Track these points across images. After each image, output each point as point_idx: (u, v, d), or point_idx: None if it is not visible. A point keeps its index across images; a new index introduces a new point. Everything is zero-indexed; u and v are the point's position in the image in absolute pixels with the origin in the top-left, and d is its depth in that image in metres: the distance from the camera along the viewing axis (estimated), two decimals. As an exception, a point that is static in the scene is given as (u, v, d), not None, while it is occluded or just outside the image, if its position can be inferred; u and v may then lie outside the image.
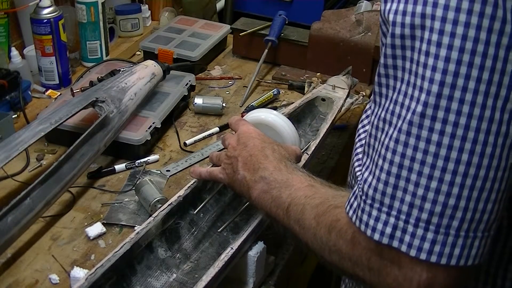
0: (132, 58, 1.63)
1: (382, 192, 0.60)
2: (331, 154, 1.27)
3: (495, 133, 0.55)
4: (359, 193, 0.63)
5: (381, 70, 0.61)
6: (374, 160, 0.62)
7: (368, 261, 0.63)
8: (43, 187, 0.95)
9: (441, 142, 0.56)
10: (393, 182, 0.59)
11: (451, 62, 0.55)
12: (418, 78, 0.57)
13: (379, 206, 0.60)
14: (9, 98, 1.28)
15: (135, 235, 0.83)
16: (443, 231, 0.57)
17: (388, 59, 0.60)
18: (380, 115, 0.62)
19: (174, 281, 0.87)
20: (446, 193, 0.57)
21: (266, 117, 0.97)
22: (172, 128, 1.31)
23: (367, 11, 1.51)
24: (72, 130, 1.16)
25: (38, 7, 1.35)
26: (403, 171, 0.58)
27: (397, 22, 0.58)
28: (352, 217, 0.63)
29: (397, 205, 0.59)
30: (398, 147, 0.58)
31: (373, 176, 0.61)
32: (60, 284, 0.91)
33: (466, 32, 0.54)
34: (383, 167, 0.60)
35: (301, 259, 1.19)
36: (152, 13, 1.83)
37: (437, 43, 0.55)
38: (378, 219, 0.60)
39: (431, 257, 0.58)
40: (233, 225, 0.97)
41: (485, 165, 0.56)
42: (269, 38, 1.53)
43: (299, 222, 0.73)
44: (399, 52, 0.59)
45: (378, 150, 0.61)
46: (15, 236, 0.92)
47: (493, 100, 0.55)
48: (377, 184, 0.60)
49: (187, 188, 0.94)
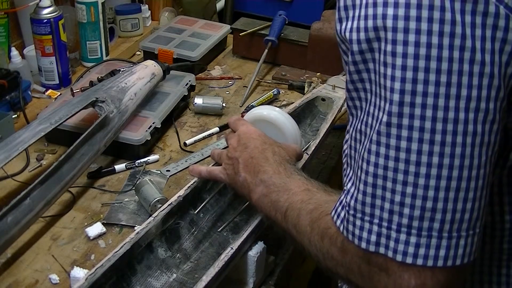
0: (132, 58, 1.63)
1: (362, 202, 0.61)
2: (331, 154, 1.27)
3: (462, 133, 0.55)
4: (344, 204, 0.64)
5: (349, 86, 0.62)
6: (355, 171, 0.63)
7: (358, 268, 0.63)
8: (43, 187, 0.95)
9: (410, 148, 0.57)
10: (371, 192, 0.60)
11: (408, 70, 0.55)
12: (381, 88, 0.58)
13: (361, 215, 0.61)
14: (9, 98, 1.28)
15: (135, 235, 0.83)
16: (426, 233, 0.58)
17: (354, 75, 0.61)
18: (356, 126, 0.63)
19: (174, 281, 0.87)
20: (423, 197, 0.57)
21: (268, 114, 0.97)
22: (172, 128, 1.31)
23: (367, 11, 1.51)
24: (72, 130, 1.16)
25: (38, 7, 1.35)
26: (378, 180, 0.59)
27: (353, 39, 0.59)
28: (339, 227, 0.64)
29: (378, 213, 0.60)
30: (371, 157, 0.59)
31: (355, 187, 0.62)
32: (60, 284, 0.91)
33: (418, 38, 0.55)
34: (361, 177, 0.61)
35: (301, 259, 1.19)
36: (152, 13, 1.83)
37: (391, 52, 0.56)
38: (362, 228, 0.61)
39: (417, 260, 0.58)
40: (233, 225, 0.97)
41: (457, 165, 0.56)
42: (269, 38, 1.54)
43: (295, 227, 0.74)
44: (362, 66, 0.59)
45: (357, 161, 0.62)
46: (15, 236, 0.92)
47: (455, 101, 0.55)
48: (357, 194, 0.61)
49: (187, 188, 0.94)
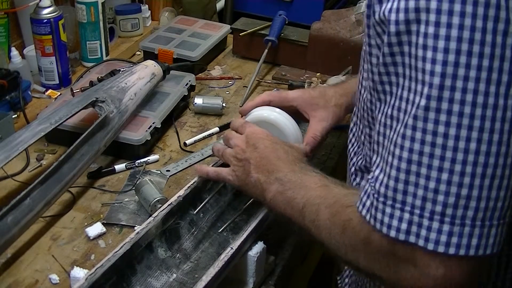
0: (132, 58, 1.63)
1: (394, 189, 0.60)
2: (331, 154, 1.27)
3: (500, 120, 0.55)
4: (372, 191, 0.63)
5: (381, 69, 0.62)
6: (384, 157, 0.62)
7: (383, 259, 0.63)
8: (43, 187, 0.95)
9: (448, 133, 0.56)
10: (403, 178, 0.59)
11: (450, 53, 0.55)
12: (419, 72, 0.57)
13: (392, 203, 0.60)
14: (9, 98, 1.28)
15: (135, 235, 0.83)
16: (459, 222, 0.57)
17: (387, 57, 0.60)
18: (387, 112, 0.62)
19: (174, 281, 0.87)
20: (458, 184, 0.57)
21: (268, 115, 0.97)
22: (172, 128, 1.31)
23: (367, 11, 1.51)
24: (72, 130, 1.16)
25: (38, 7, 1.35)
26: (412, 166, 0.58)
27: (391, 20, 0.58)
28: (366, 216, 0.63)
29: (410, 200, 0.59)
30: (405, 142, 0.59)
31: (384, 173, 0.61)
32: (60, 284, 0.91)
33: (462, 21, 0.54)
34: (393, 163, 0.60)
35: (301, 259, 1.19)
36: (152, 13, 1.83)
37: (434, 35, 0.55)
38: (392, 216, 0.60)
39: (449, 249, 0.58)
40: (233, 225, 0.97)
41: (494, 152, 0.56)
42: (269, 38, 1.54)
43: (314, 222, 0.73)
44: (396, 49, 0.59)
45: (387, 147, 0.61)
46: (15, 236, 0.92)
47: (496, 87, 0.55)
48: (388, 181, 0.60)
49: (187, 188, 0.94)
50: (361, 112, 0.77)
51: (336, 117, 1.01)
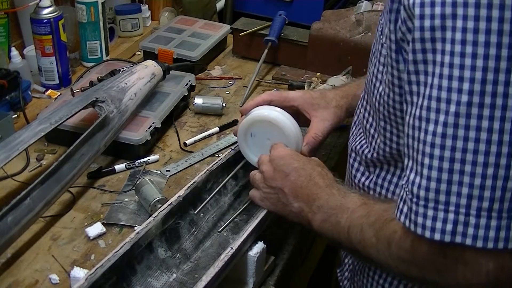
0: (132, 58, 1.63)
1: (436, 190, 0.59)
2: (331, 154, 1.27)
3: None
4: (408, 196, 0.62)
5: (410, 67, 0.61)
6: (417, 160, 0.61)
7: (433, 264, 0.62)
8: (43, 187, 0.95)
9: (492, 127, 0.56)
10: (446, 178, 0.58)
11: (491, 46, 0.55)
12: (455, 68, 0.57)
13: (434, 205, 0.59)
14: (9, 98, 1.28)
15: (135, 235, 0.83)
16: (506, 215, 0.57)
17: (418, 54, 0.60)
18: (415, 113, 0.61)
19: (174, 281, 0.87)
20: (504, 177, 0.57)
21: (269, 114, 0.96)
22: (172, 128, 1.31)
23: (367, 11, 1.51)
24: (72, 130, 1.16)
25: (38, 7, 1.35)
26: (455, 164, 0.58)
27: (425, 14, 0.57)
28: (405, 222, 0.63)
29: (454, 200, 0.58)
30: (446, 141, 0.58)
31: (420, 176, 0.60)
32: (60, 284, 0.91)
33: (502, 14, 0.54)
34: (432, 164, 0.59)
35: (301, 259, 1.20)
36: (152, 13, 1.83)
37: (473, 29, 0.55)
38: (435, 219, 0.59)
39: (498, 244, 0.57)
40: (233, 225, 0.97)
41: None
42: (269, 38, 1.54)
43: (361, 242, 0.73)
44: (429, 46, 0.58)
45: (420, 150, 0.61)
46: (15, 236, 0.92)
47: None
48: (428, 183, 0.60)
49: (187, 188, 0.94)
50: (375, 106, 0.77)
51: (337, 118, 1.01)
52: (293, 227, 1.05)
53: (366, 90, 0.83)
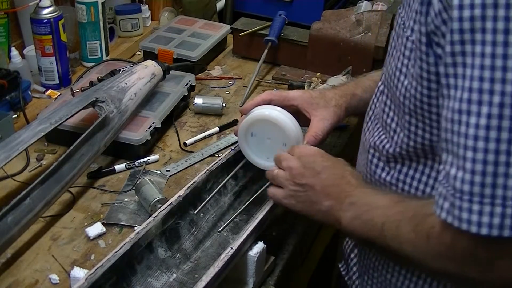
0: (132, 58, 1.63)
1: (481, 184, 0.58)
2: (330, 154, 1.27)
3: None
4: (450, 192, 0.62)
5: (448, 60, 0.61)
6: (458, 154, 0.61)
7: (475, 259, 0.62)
8: (43, 187, 0.95)
9: None
10: (491, 170, 0.58)
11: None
12: (498, 58, 0.56)
13: (479, 199, 0.59)
14: (9, 98, 1.28)
15: (135, 235, 0.83)
16: None
17: (456, 46, 0.59)
18: (454, 107, 0.61)
19: (174, 281, 0.87)
20: None
21: (270, 114, 0.96)
22: (172, 128, 1.31)
23: (367, 11, 1.51)
24: (72, 130, 1.16)
25: (38, 7, 1.35)
26: (501, 156, 0.57)
27: (464, 4, 0.57)
28: (447, 219, 0.62)
29: (500, 193, 0.58)
30: (490, 133, 0.57)
31: (463, 170, 0.60)
32: (60, 284, 0.91)
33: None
34: (476, 158, 0.58)
35: (301, 259, 1.19)
36: (152, 13, 1.83)
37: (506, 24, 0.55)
38: (481, 213, 0.59)
39: None
40: (233, 225, 0.97)
41: None
42: (269, 38, 1.54)
43: (397, 238, 0.72)
44: (468, 37, 0.58)
45: (461, 143, 0.60)
46: (15, 236, 0.92)
47: None
48: (472, 177, 0.59)
49: (187, 188, 0.94)
50: (399, 100, 0.76)
51: (337, 117, 1.01)
52: (293, 227, 1.05)
53: (385, 84, 0.82)
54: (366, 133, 0.91)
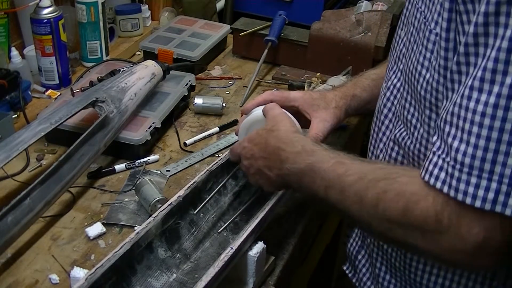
0: (132, 58, 1.63)
1: (482, 158, 0.61)
2: (331, 154, 1.27)
3: None
4: (450, 163, 0.64)
5: (469, 40, 0.62)
6: (463, 128, 0.63)
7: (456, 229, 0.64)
8: (43, 187, 0.95)
9: None
10: (493, 147, 0.60)
11: None
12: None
13: (478, 172, 0.61)
14: (9, 98, 1.28)
15: (135, 235, 0.83)
16: None
17: (479, 28, 0.61)
18: (467, 83, 0.63)
19: (174, 281, 0.87)
20: None
21: None
22: (172, 128, 1.31)
23: (367, 11, 1.51)
24: (72, 130, 1.16)
25: (38, 7, 1.35)
26: (504, 135, 0.59)
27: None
28: (442, 188, 0.64)
29: (498, 170, 0.60)
30: (498, 112, 0.60)
31: (466, 144, 0.62)
32: (60, 284, 0.91)
33: None
34: (481, 133, 0.61)
35: (301, 259, 1.20)
36: (152, 13, 1.83)
37: None
38: (478, 186, 0.61)
39: None
40: (233, 225, 0.97)
41: None
42: (269, 38, 1.54)
43: (340, 201, 0.75)
44: (492, 19, 0.60)
45: (468, 118, 0.62)
46: (15, 236, 0.92)
47: None
48: (474, 151, 0.61)
49: (187, 188, 0.94)
50: (420, 94, 0.76)
51: (336, 118, 1.02)
52: (293, 227, 1.05)
53: (405, 79, 0.82)
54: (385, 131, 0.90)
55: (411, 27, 0.81)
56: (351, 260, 1.05)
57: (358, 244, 1.04)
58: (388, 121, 0.89)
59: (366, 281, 1.00)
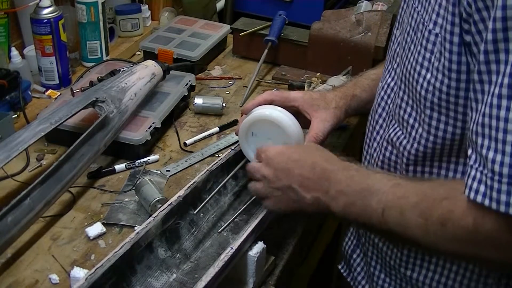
0: (132, 58, 1.63)
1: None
2: (331, 154, 1.27)
3: None
4: (489, 175, 0.62)
5: (489, 47, 0.62)
6: (497, 138, 0.62)
7: (499, 241, 0.64)
8: (43, 187, 0.95)
9: None
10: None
11: None
12: None
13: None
14: (9, 98, 1.28)
15: (135, 235, 0.83)
16: None
17: (499, 33, 0.60)
18: (494, 91, 0.62)
19: (174, 281, 0.87)
20: None
21: (270, 114, 0.96)
22: (172, 128, 1.31)
23: (367, 11, 1.51)
24: (72, 130, 1.16)
25: (38, 7, 1.35)
26: None
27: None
28: (484, 202, 0.63)
29: None
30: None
31: (502, 154, 0.61)
32: (60, 284, 0.91)
33: None
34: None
35: (301, 259, 1.20)
36: (152, 13, 1.83)
37: None
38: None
39: None
40: (233, 225, 0.97)
41: None
42: (269, 38, 1.54)
43: (401, 224, 0.73)
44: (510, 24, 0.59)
45: (501, 127, 0.61)
46: (15, 236, 0.92)
47: None
48: (511, 160, 0.60)
49: (187, 188, 0.94)
50: (420, 94, 0.76)
51: (336, 118, 1.02)
52: (293, 227, 1.05)
53: (401, 79, 0.82)
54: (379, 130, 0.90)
55: (407, 27, 0.81)
56: (346, 259, 1.05)
57: (353, 243, 1.04)
58: (382, 121, 0.89)
59: (361, 280, 1.00)
